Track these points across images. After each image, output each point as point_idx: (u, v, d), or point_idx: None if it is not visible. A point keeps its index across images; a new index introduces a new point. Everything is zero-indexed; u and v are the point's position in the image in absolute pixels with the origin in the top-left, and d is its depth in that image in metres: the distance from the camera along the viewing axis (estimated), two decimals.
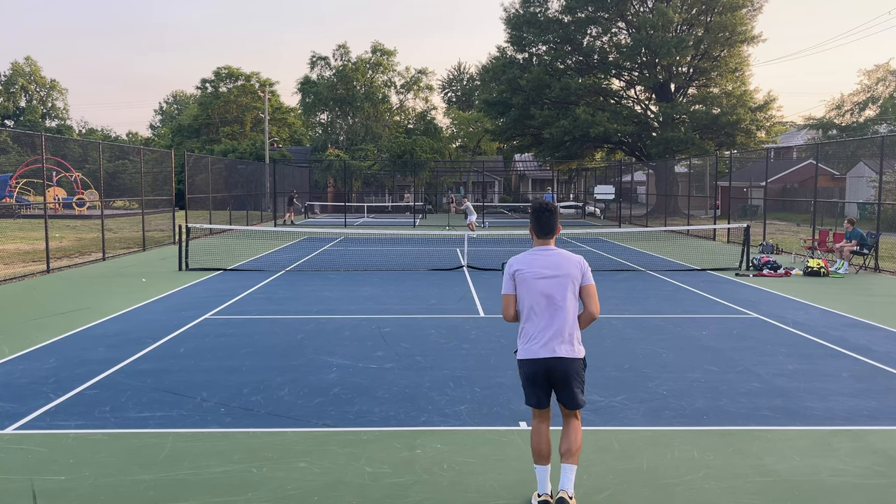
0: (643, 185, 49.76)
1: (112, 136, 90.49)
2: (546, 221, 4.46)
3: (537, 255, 4.41)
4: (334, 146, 51.83)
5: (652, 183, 39.68)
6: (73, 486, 4.76)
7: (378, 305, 11.58)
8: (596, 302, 4.40)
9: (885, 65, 47.89)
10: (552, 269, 4.35)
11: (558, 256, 4.39)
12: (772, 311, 11.16)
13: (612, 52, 40.34)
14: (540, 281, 4.33)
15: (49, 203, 23.83)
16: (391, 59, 53.28)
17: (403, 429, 5.84)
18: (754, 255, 17.72)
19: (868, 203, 31.45)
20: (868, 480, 4.90)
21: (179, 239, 16.60)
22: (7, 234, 25.36)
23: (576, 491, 4.66)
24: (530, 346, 4.37)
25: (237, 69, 63.98)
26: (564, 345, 4.32)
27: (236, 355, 8.22)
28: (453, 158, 56.25)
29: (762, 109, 37.79)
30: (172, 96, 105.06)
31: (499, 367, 7.71)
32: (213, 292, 12.83)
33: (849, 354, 8.40)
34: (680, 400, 6.61)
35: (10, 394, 6.72)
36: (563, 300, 4.32)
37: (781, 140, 54.39)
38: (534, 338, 4.36)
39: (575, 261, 4.40)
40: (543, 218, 4.47)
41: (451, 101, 73.19)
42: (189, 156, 26.04)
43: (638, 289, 13.51)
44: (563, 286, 4.33)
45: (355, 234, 26.53)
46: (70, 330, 9.51)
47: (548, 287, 4.33)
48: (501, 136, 46.07)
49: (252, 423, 5.98)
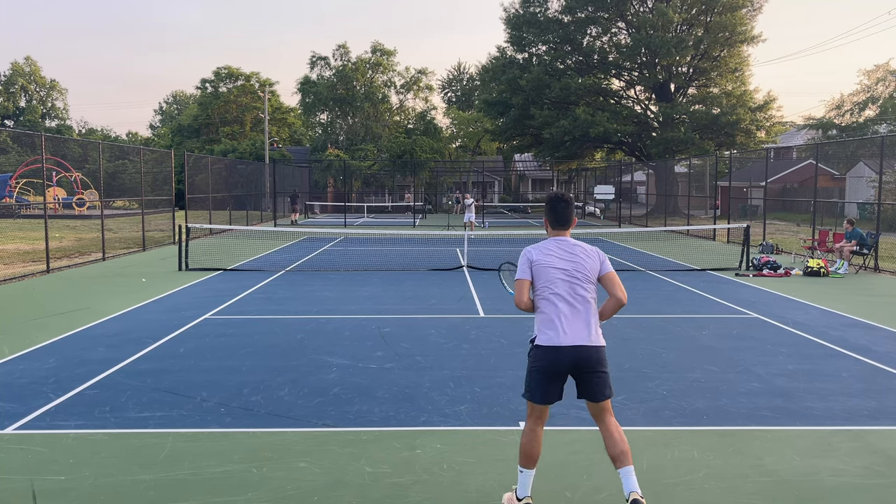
0: (643, 185, 49.77)
1: (112, 136, 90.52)
2: (562, 211, 4.40)
3: (555, 245, 4.35)
4: (334, 146, 51.83)
5: (652, 183, 39.69)
6: (73, 486, 4.76)
7: (378, 305, 11.58)
8: (621, 287, 4.29)
9: (885, 65, 47.92)
10: (571, 258, 4.29)
11: (576, 246, 4.35)
12: (772, 311, 11.16)
13: (611, 52, 40.34)
14: (561, 270, 4.26)
15: (49, 203, 23.82)
16: (391, 59, 53.29)
17: (403, 429, 5.83)
18: (754, 255, 17.72)
19: (868, 203, 31.44)
20: (868, 480, 4.90)
21: (179, 239, 16.60)
22: (7, 234, 25.35)
23: (575, 491, 4.66)
24: (554, 334, 4.19)
25: (237, 69, 64.04)
26: (591, 332, 4.21)
27: (236, 355, 8.22)
28: (453, 158, 56.26)
29: (762, 109, 37.80)
30: (172, 96, 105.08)
31: (499, 367, 7.71)
32: (213, 292, 12.83)
33: (849, 354, 8.40)
34: (680, 400, 6.61)
35: (10, 394, 6.72)
36: (585, 289, 4.27)
37: (781, 140, 54.38)
38: (557, 325, 4.19)
39: (592, 250, 4.37)
40: (560, 208, 4.41)
41: (451, 101, 73.24)
42: (189, 156, 26.03)
43: (638, 289, 13.51)
44: (583, 274, 4.27)
45: (355, 234, 26.53)
46: (70, 330, 9.51)
47: (569, 275, 4.25)
48: (501, 136, 46.09)
49: (252, 423, 5.98)
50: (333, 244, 23.01)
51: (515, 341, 8.93)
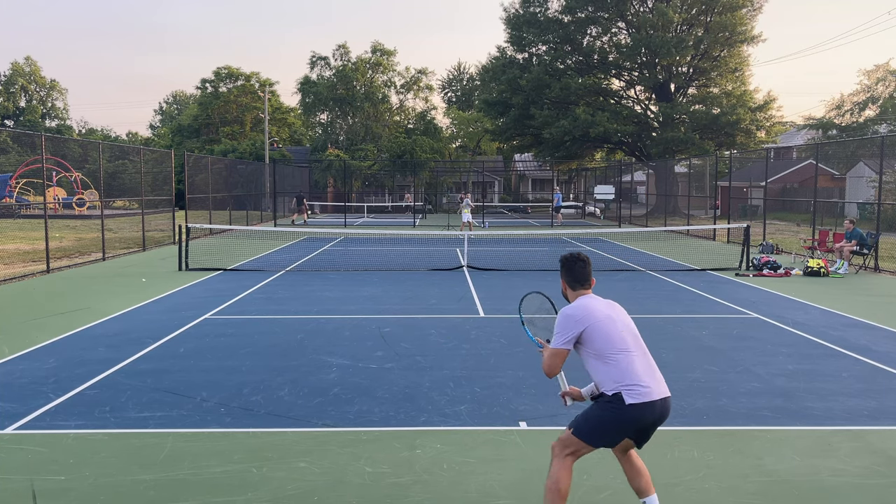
0: (643, 185, 49.78)
1: (112, 136, 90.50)
2: (581, 270, 4.10)
3: (594, 301, 4.05)
4: (334, 146, 51.83)
5: (652, 183, 39.69)
6: (73, 486, 4.76)
7: (378, 305, 11.58)
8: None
9: (885, 65, 47.88)
10: (617, 310, 4.05)
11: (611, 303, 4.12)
12: (772, 311, 11.16)
13: (612, 52, 40.35)
14: (618, 321, 3.97)
15: (49, 203, 23.83)
16: (391, 59, 53.28)
17: (403, 429, 5.84)
18: (754, 255, 17.72)
19: (868, 203, 31.45)
20: (868, 480, 4.90)
21: (179, 239, 16.60)
22: (7, 234, 25.35)
23: (575, 491, 4.66)
24: (642, 389, 3.83)
25: (237, 69, 63.99)
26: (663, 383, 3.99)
27: (236, 355, 8.22)
28: (453, 158, 56.27)
29: (762, 109, 37.81)
30: (172, 96, 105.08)
31: (499, 367, 7.71)
32: (213, 292, 12.82)
33: (849, 354, 8.40)
34: (680, 400, 6.60)
35: (10, 394, 6.72)
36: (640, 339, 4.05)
37: (781, 140, 54.37)
38: (642, 378, 3.85)
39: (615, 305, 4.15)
40: (577, 268, 4.11)
41: (451, 101, 73.24)
42: (189, 156, 26.03)
43: (638, 289, 13.51)
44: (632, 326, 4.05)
45: (355, 234, 26.53)
46: (70, 330, 9.51)
47: (628, 326, 4.00)
48: (501, 136, 46.09)
49: (252, 423, 5.98)
50: (333, 244, 23.01)
51: (515, 341, 8.93)
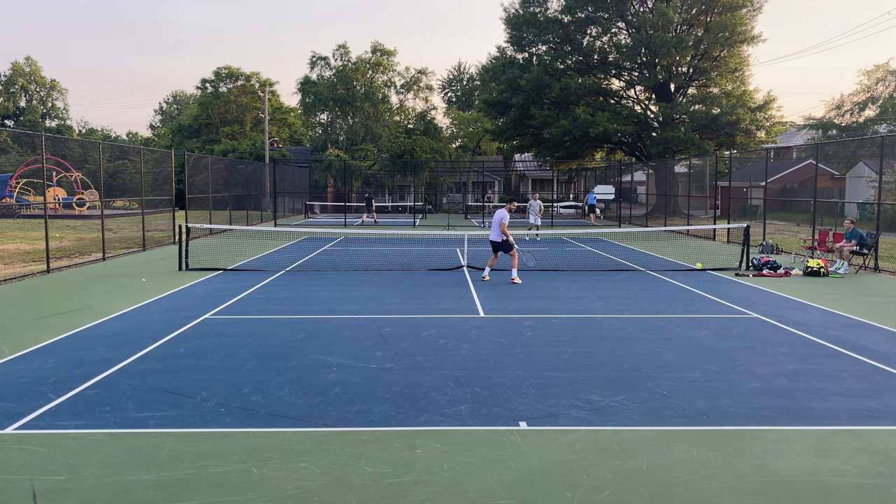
0: (643, 185, 49.75)
1: (112, 136, 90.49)
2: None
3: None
4: (334, 146, 51.84)
5: (652, 183, 39.69)
6: (73, 486, 4.76)
7: (378, 305, 11.58)
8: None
9: (885, 65, 47.80)
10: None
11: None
12: (772, 311, 11.16)
13: (611, 52, 40.33)
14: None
15: (49, 203, 23.83)
16: (391, 59, 53.31)
17: (403, 429, 5.83)
18: (754, 255, 17.72)
19: (868, 203, 31.45)
20: (868, 480, 4.90)
21: (179, 239, 16.60)
22: (7, 234, 25.35)
23: (575, 491, 4.66)
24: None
25: (237, 69, 64.01)
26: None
27: (236, 355, 8.22)
28: (453, 158, 56.25)
29: (762, 109, 37.79)
30: (172, 96, 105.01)
31: (499, 367, 7.71)
32: (213, 292, 12.82)
33: (849, 354, 8.40)
34: (680, 400, 6.61)
35: (10, 394, 6.71)
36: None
37: (781, 140, 54.39)
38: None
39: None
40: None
41: (451, 101, 73.22)
42: (189, 156, 26.02)
43: (638, 289, 13.51)
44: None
45: (355, 234, 26.53)
46: (70, 330, 9.51)
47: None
48: (501, 136, 46.06)
49: (252, 423, 5.98)
50: (333, 244, 23.00)
51: (515, 341, 8.93)
